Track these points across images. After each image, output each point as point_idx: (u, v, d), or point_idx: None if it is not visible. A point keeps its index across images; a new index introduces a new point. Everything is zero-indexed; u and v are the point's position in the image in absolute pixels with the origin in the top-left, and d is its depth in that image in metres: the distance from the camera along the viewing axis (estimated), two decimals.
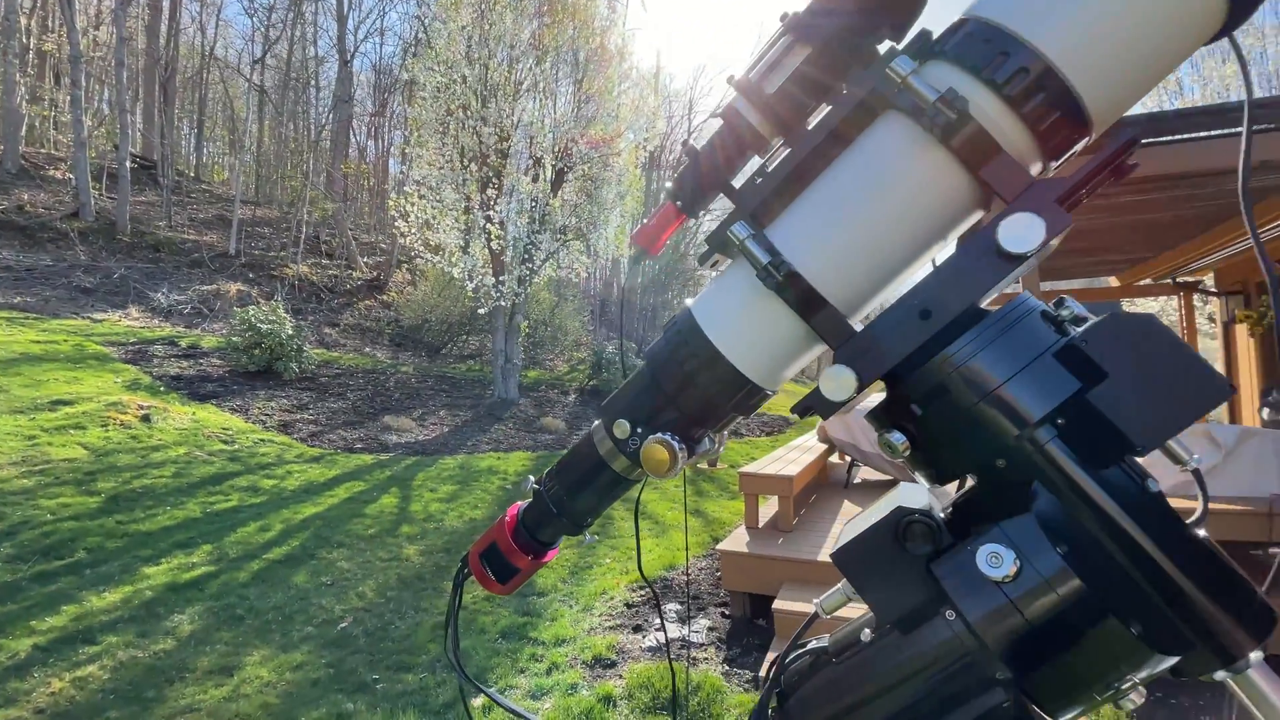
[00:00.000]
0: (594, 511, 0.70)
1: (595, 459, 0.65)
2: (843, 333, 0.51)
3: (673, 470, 0.58)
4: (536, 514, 0.72)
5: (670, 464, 0.58)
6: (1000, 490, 0.48)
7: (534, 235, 12.01)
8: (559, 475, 0.70)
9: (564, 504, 0.68)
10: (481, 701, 3.09)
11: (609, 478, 0.66)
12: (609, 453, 0.64)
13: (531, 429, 12.20)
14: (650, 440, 0.58)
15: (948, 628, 0.47)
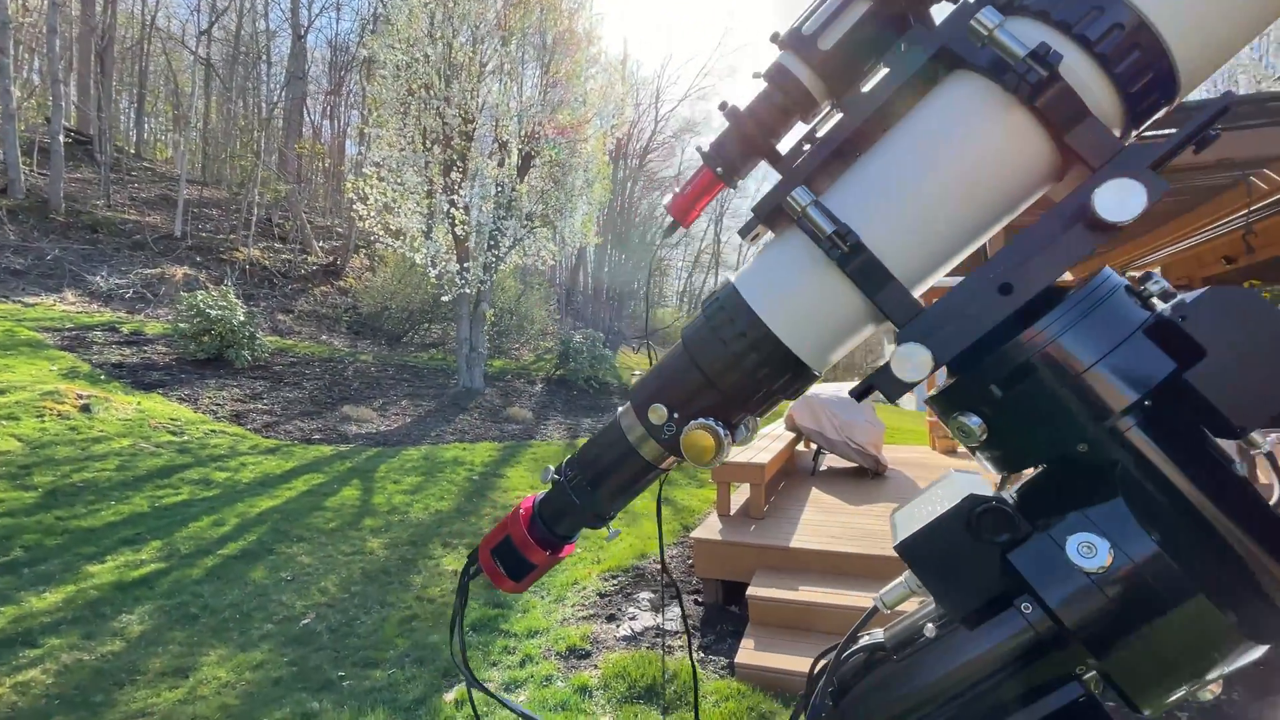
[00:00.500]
0: (619, 503, 0.65)
1: (623, 447, 0.61)
2: (909, 309, 0.48)
3: (718, 458, 0.54)
4: (556, 506, 0.67)
5: (716, 451, 0.54)
6: (1076, 476, 0.46)
7: (500, 221, 11.79)
8: (581, 464, 0.65)
9: (587, 495, 0.64)
10: (478, 697, 3.03)
11: (637, 466, 0.61)
12: (639, 439, 0.60)
13: (498, 419, 12.03)
14: (693, 426, 0.54)
15: (1022, 620, 0.44)
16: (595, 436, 0.65)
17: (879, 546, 3.83)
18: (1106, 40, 0.43)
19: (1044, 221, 0.46)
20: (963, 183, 0.48)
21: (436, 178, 11.18)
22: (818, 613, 3.38)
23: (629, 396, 0.61)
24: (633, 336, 27.57)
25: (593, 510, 0.64)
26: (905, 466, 6.85)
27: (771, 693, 2.95)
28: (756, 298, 0.53)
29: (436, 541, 5.58)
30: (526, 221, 12.11)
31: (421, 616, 4.06)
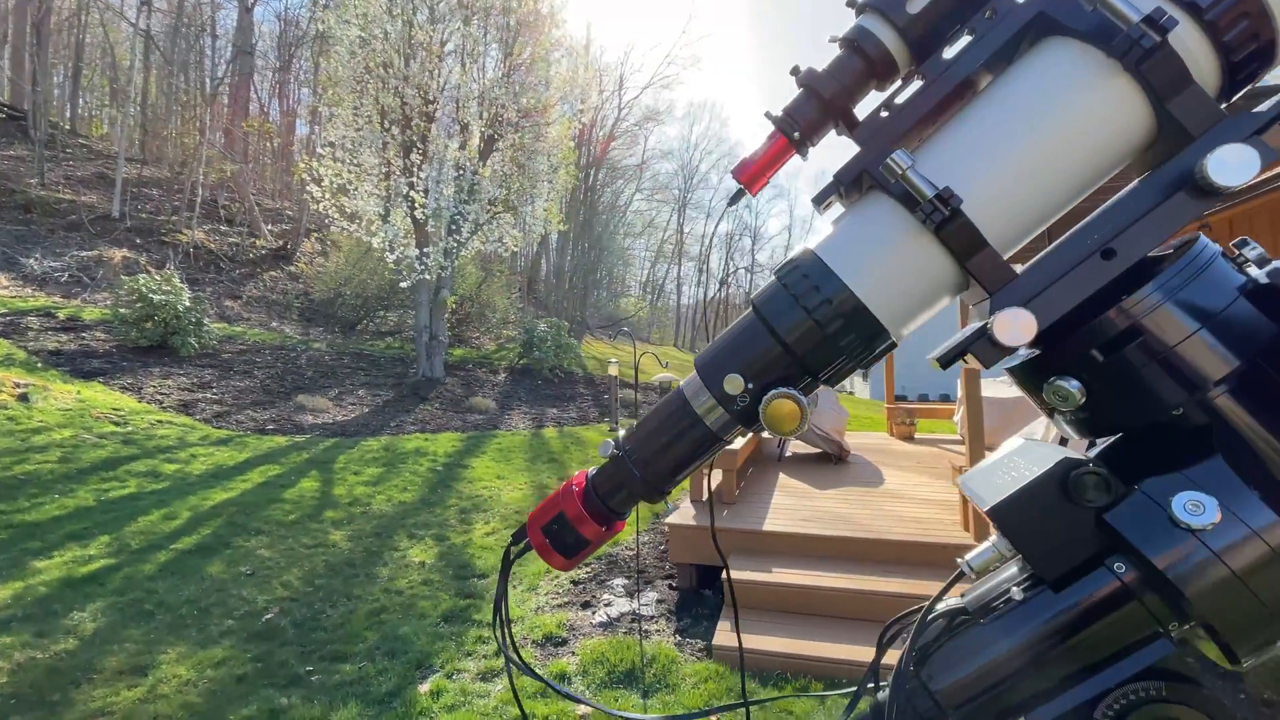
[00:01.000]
0: (679, 476, 0.64)
1: (687, 419, 0.60)
2: (1004, 275, 0.48)
3: (800, 426, 0.54)
4: (614, 479, 0.66)
5: (800, 419, 0.54)
6: (1166, 439, 0.47)
7: (461, 206, 11.51)
8: (642, 437, 0.64)
9: (648, 467, 0.63)
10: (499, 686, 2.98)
11: (702, 438, 0.61)
12: (707, 410, 0.59)
13: (460, 409, 11.83)
14: (775, 395, 0.54)
15: (1114, 579, 0.46)
16: (656, 408, 0.64)
17: (847, 529, 3.94)
18: (1216, 8, 0.43)
19: (1141, 188, 0.46)
20: (1060, 149, 0.48)
21: (395, 159, 10.83)
22: (792, 593, 3.46)
23: (698, 367, 0.60)
24: (597, 325, 27.47)
25: (652, 484, 0.63)
26: (865, 452, 7.05)
27: (750, 673, 3.01)
28: (843, 264, 0.53)
29: (401, 533, 5.46)
30: (489, 206, 11.87)
31: (390, 609, 3.98)
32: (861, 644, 3.06)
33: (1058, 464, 0.47)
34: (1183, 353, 0.46)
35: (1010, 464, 0.53)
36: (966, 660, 0.49)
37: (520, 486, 7.19)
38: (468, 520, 5.90)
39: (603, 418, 12.41)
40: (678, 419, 0.61)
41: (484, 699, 2.96)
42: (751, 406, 0.56)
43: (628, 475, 0.64)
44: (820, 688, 2.86)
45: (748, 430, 0.60)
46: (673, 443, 0.62)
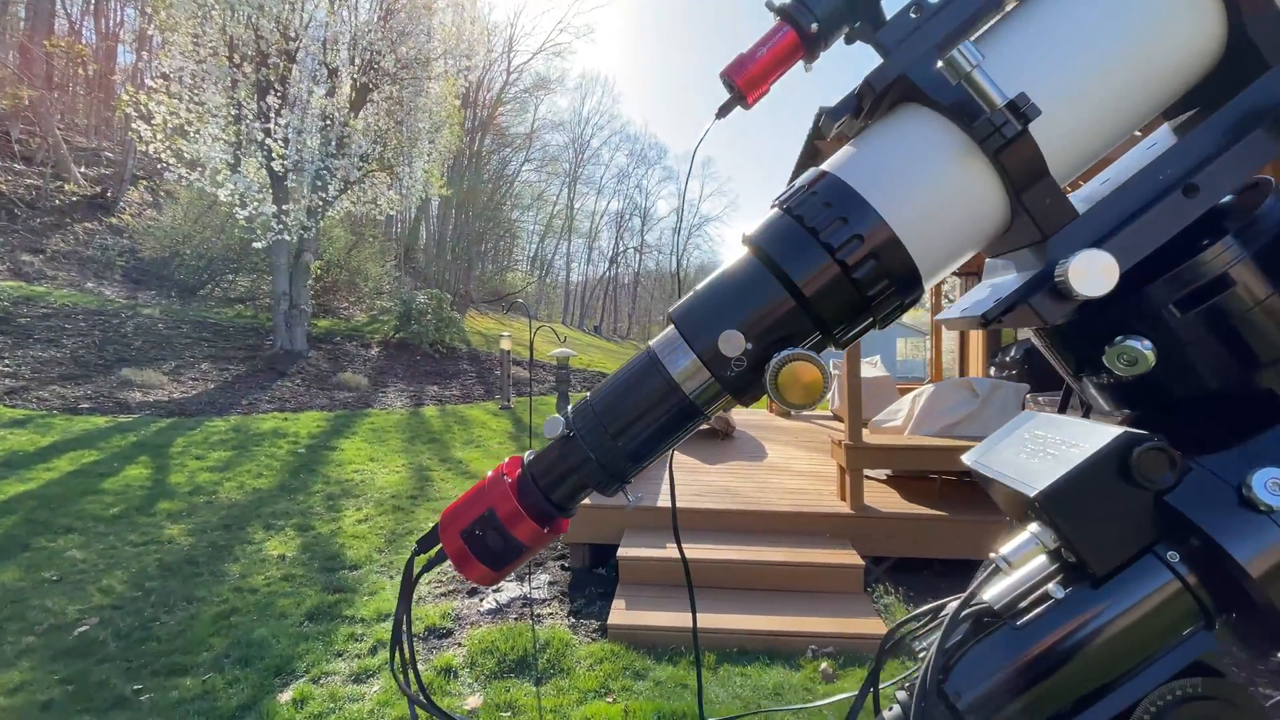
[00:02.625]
0: (645, 459, 0.51)
1: (663, 386, 0.47)
2: (1065, 212, 0.40)
3: (822, 397, 0.43)
4: (560, 465, 0.51)
5: (825, 387, 0.42)
6: (1220, 409, 0.41)
7: (329, 160, 10.39)
8: (600, 411, 0.49)
9: (606, 449, 0.49)
10: None
11: (679, 411, 0.48)
12: (688, 376, 0.46)
13: (326, 385, 10.82)
14: (792, 358, 0.42)
15: (1166, 570, 0.39)
16: (618, 376, 0.50)
17: (736, 502, 4.04)
18: None
19: (1214, 123, 0.40)
20: (1135, 60, 0.41)
21: (247, 101, 9.51)
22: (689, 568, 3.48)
23: (676, 324, 0.47)
24: (482, 300, 26.30)
25: (610, 469, 0.49)
26: (749, 428, 7.35)
27: (644, 650, 2.98)
28: (875, 190, 0.42)
29: (257, 524, 4.87)
30: (361, 163, 10.81)
31: (242, 610, 3.51)
32: (753, 613, 3.14)
33: (1117, 439, 0.40)
34: (1264, 311, 0.40)
35: (1035, 440, 0.46)
36: (1001, 668, 0.41)
37: (397, 469, 6.70)
38: (336, 507, 5.39)
39: (489, 396, 11.93)
40: (648, 388, 0.48)
41: (357, 702, 2.68)
42: (748, 372, 0.45)
43: (579, 460, 0.50)
44: (713, 659, 2.90)
45: (737, 401, 0.49)
46: (640, 418, 0.48)
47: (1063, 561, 0.42)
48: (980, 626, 0.43)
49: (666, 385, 0.47)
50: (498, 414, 10.33)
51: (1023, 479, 0.42)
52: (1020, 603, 0.43)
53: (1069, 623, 0.41)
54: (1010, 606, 0.43)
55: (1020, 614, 0.43)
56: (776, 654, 2.94)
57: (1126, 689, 0.41)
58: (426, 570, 0.59)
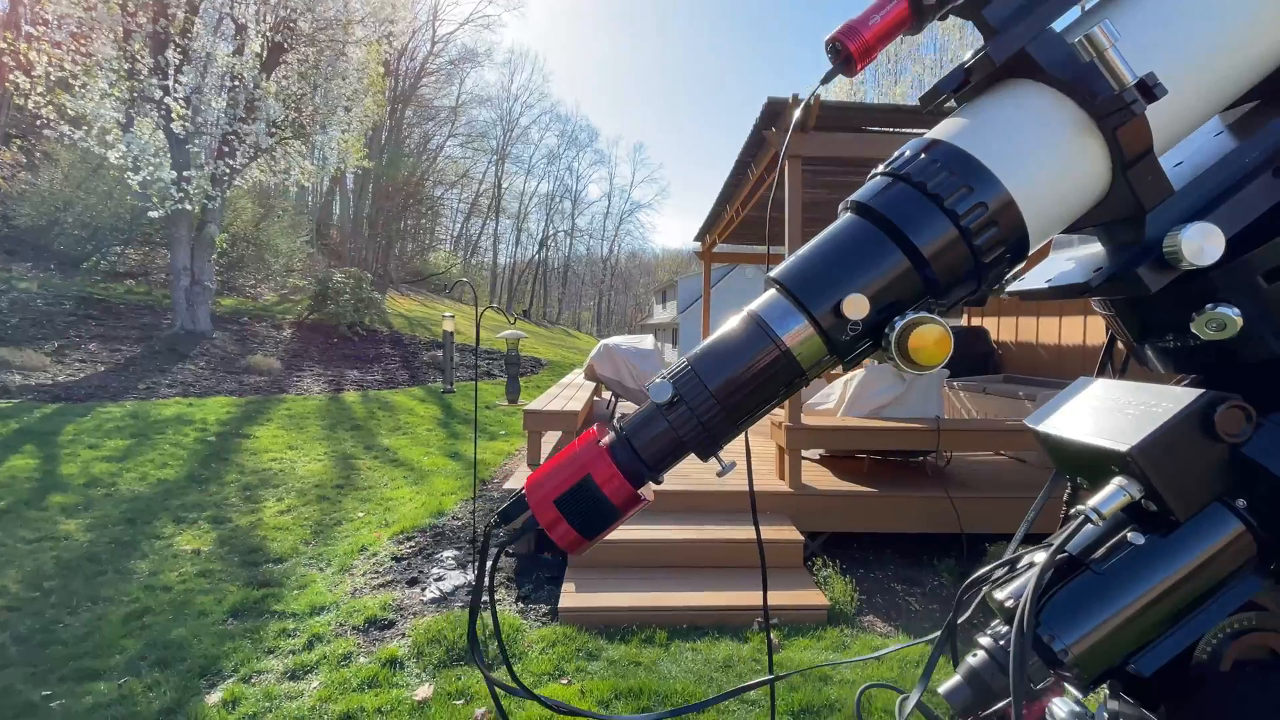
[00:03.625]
0: (744, 422, 0.51)
1: (771, 351, 0.47)
2: (1163, 189, 0.43)
3: (946, 359, 0.44)
4: (660, 428, 0.50)
5: (949, 348, 0.44)
6: None
7: (236, 124, 9.58)
8: (706, 375, 0.49)
9: (710, 412, 0.49)
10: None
11: (786, 374, 0.48)
12: (801, 340, 0.47)
13: (234, 369, 10.08)
14: (918, 320, 0.43)
15: (1235, 518, 0.45)
16: (720, 341, 0.50)
17: (685, 483, 4.12)
18: None
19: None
20: (1240, 46, 0.44)
21: (142, 54, 8.58)
22: (633, 549, 3.52)
23: (784, 287, 0.47)
24: (403, 280, 25.13)
25: (713, 432, 0.50)
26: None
27: (596, 631, 3.01)
28: (996, 160, 0.44)
29: (165, 517, 4.50)
30: (273, 129, 10.04)
31: (155, 609, 3.25)
32: (701, 590, 3.23)
33: (1202, 398, 0.44)
34: None
35: (1105, 404, 0.50)
36: (1092, 612, 0.45)
37: (318, 457, 6.35)
38: (254, 498, 5.06)
39: (415, 381, 11.49)
40: (754, 352, 0.48)
41: (296, 700, 2.55)
42: (862, 336, 0.46)
43: (681, 423, 0.49)
44: (665, 636, 2.96)
45: (839, 364, 0.50)
46: (746, 382, 0.49)
47: (1140, 511, 0.47)
48: (1061, 574, 0.47)
49: (775, 349, 0.47)
50: (425, 398, 9.98)
51: (1107, 438, 0.46)
52: (1097, 550, 0.48)
53: (1149, 565, 0.46)
54: (1089, 554, 0.48)
55: (1100, 561, 0.47)
56: (725, 628, 3.04)
57: (1191, 624, 0.46)
58: (512, 542, 0.58)
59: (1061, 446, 0.52)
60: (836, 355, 0.48)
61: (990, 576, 0.51)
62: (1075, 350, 6.14)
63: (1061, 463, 0.53)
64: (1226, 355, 0.49)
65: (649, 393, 0.50)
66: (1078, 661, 0.44)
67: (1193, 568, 0.45)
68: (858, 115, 4.47)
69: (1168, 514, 0.45)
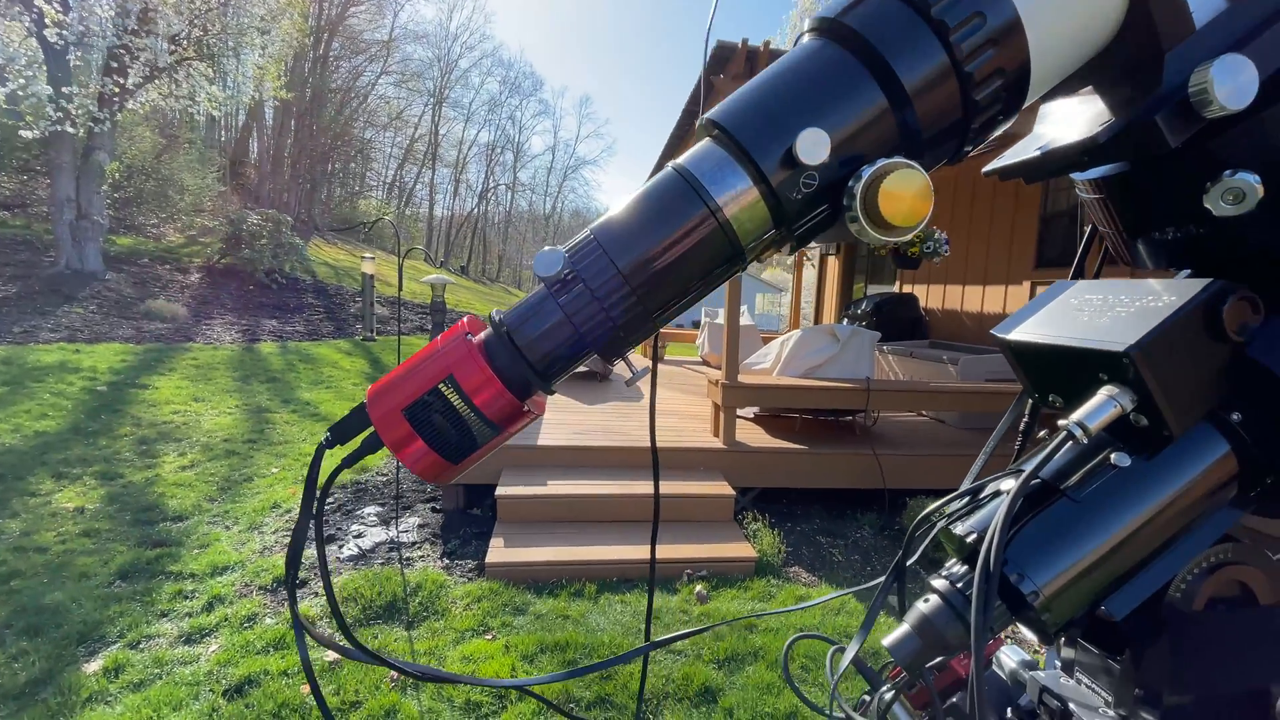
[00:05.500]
0: (664, 312, 0.40)
1: (703, 218, 0.36)
2: (1185, 24, 0.34)
3: (924, 220, 0.34)
4: (552, 317, 0.38)
5: (931, 201, 0.34)
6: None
7: (126, 36, 8.49)
8: (614, 249, 0.37)
9: (617, 297, 0.37)
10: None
11: (719, 251, 0.37)
12: (736, 199, 0.35)
13: (131, 314, 9.21)
14: (894, 166, 0.33)
15: (1232, 434, 0.37)
16: (635, 205, 0.38)
17: (619, 440, 4.05)
18: None
19: None
20: None
21: None
22: (562, 504, 3.45)
23: (726, 130, 0.36)
24: (328, 227, 23.54)
25: (619, 322, 0.38)
26: (624, 371, 7.40)
27: (524, 586, 2.92)
28: None
29: (43, 473, 4.06)
30: (173, 47, 8.99)
31: (26, 573, 2.93)
32: (632, 544, 3.20)
33: (1211, 287, 0.36)
34: None
35: (1090, 305, 0.42)
36: (1068, 546, 0.37)
37: (228, 410, 5.90)
38: (152, 453, 4.64)
39: (339, 333, 10.87)
40: (679, 219, 0.37)
41: (190, 665, 2.35)
42: (817, 194, 0.36)
43: (579, 310, 0.38)
44: (594, 589, 2.92)
45: (784, 241, 0.39)
46: (665, 257, 0.37)
47: (1124, 429, 0.39)
48: (1030, 504, 0.39)
49: (707, 216, 0.36)
50: (352, 352, 9.46)
51: (1099, 338, 0.38)
52: (1071, 475, 0.40)
53: (1135, 492, 0.38)
54: (1062, 479, 0.40)
55: (1076, 487, 0.39)
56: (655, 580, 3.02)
57: (1168, 560, 0.39)
58: (347, 465, 0.45)
59: (1037, 355, 0.43)
60: (783, 224, 0.37)
61: (945, 510, 0.43)
62: (996, 318, 6.43)
63: (1035, 376, 0.45)
64: (1234, 245, 0.41)
65: (534, 267, 0.38)
66: (1048, 605, 0.36)
67: (1179, 494, 0.38)
68: None
69: (1160, 430, 0.37)
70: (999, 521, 0.36)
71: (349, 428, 0.43)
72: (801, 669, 2.40)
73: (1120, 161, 0.42)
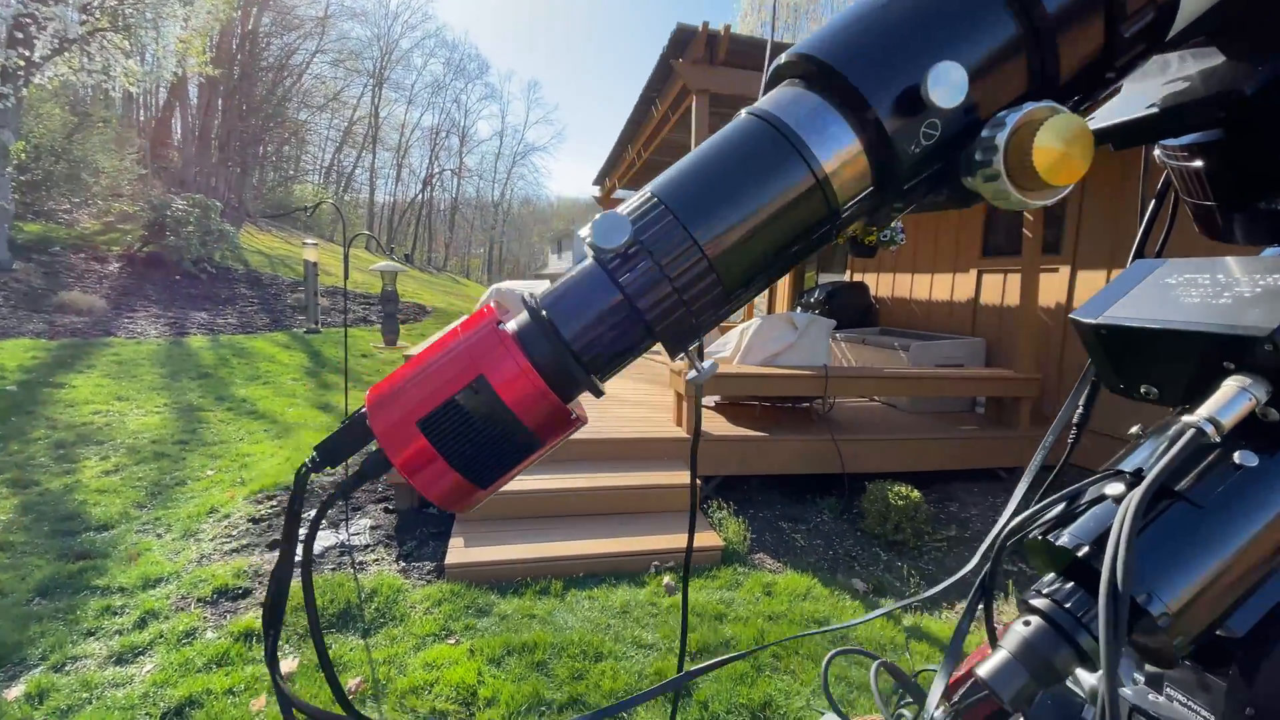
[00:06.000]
0: (744, 294, 0.33)
1: (798, 177, 0.30)
2: None
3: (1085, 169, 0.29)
4: (607, 299, 0.31)
5: (1091, 155, 0.28)
6: None
7: (31, 3, 7.75)
8: (687, 213, 0.30)
9: (693, 272, 0.30)
10: None
11: (813, 221, 0.31)
12: (846, 163, 0.29)
13: (42, 307, 8.51)
14: (1048, 112, 0.27)
15: None
16: (711, 159, 0.31)
17: (581, 431, 3.97)
18: None
19: None
20: None
21: None
22: (527, 500, 3.36)
23: (830, 54, 0.29)
24: (261, 213, 22.28)
25: (694, 305, 0.31)
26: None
27: (487, 586, 2.83)
28: None
29: None
30: (85, 17, 8.26)
31: None
32: (597, 537, 3.14)
33: None
34: None
35: (1196, 285, 0.38)
36: (1196, 558, 0.33)
37: (155, 409, 5.52)
38: (70, 457, 4.29)
39: (276, 325, 10.32)
40: (776, 178, 0.30)
41: (123, 688, 2.17)
42: (936, 149, 0.30)
43: (646, 289, 0.31)
44: (560, 587, 2.85)
45: (887, 203, 0.33)
46: (758, 226, 0.31)
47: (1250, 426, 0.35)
48: (1161, 510, 0.35)
49: (804, 169, 0.30)
50: (290, 345, 9.00)
51: (1225, 321, 0.34)
52: (1184, 477, 0.36)
53: (1264, 494, 0.34)
54: (1174, 480, 0.36)
55: (1198, 490, 0.35)
56: (622, 574, 2.98)
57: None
58: (343, 496, 0.37)
59: (1135, 340, 0.39)
60: (889, 185, 0.31)
61: (1039, 518, 0.38)
62: (943, 305, 6.65)
63: (1126, 364, 0.41)
64: None
65: (592, 236, 0.31)
66: (1178, 625, 0.32)
67: None
68: (772, 54, 4.35)
69: None
70: (1126, 530, 0.31)
71: (342, 445, 0.35)
72: (773, 657, 2.40)
73: (1270, 118, 0.38)
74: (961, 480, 4.51)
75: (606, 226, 0.30)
